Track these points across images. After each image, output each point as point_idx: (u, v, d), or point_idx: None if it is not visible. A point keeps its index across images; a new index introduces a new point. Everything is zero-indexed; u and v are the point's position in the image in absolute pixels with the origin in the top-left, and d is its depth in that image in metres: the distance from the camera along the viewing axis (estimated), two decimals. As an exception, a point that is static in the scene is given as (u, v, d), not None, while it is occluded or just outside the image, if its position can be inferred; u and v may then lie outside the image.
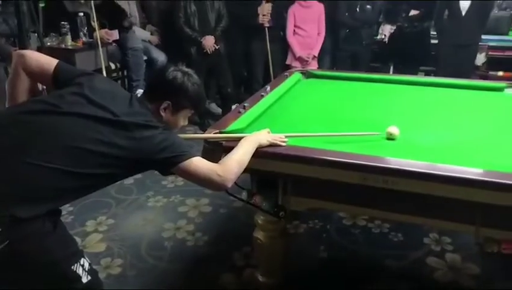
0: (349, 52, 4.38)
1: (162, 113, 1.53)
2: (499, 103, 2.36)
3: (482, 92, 2.51)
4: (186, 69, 1.58)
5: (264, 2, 4.22)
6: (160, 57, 4.48)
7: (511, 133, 1.92)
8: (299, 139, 1.72)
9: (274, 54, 4.40)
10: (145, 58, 4.42)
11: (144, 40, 4.49)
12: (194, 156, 1.47)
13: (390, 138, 1.80)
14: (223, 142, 1.70)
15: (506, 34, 4.56)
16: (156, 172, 1.50)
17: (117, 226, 2.75)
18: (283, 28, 4.36)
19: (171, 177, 3.22)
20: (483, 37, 4.17)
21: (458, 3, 3.92)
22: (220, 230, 2.71)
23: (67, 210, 2.79)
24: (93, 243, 2.56)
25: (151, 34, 4.66)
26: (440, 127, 2.00)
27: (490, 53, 4.42)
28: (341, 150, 1.62)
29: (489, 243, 1.59)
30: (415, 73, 4.13)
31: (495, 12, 4.45)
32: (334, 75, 2.91)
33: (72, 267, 1.37)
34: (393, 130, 1.81)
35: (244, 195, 1.80)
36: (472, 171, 1.46)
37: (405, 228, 2.62)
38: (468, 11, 3.90)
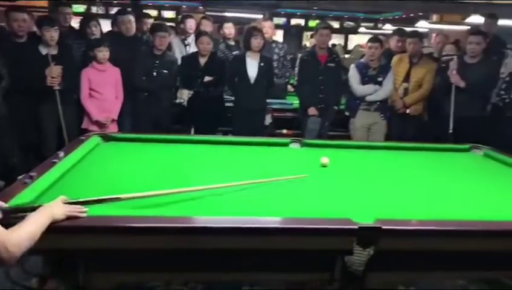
0: (149, 114, 4.40)
1: None
2: (286, 155, 2.71)
3: (272, 147, 2.84)
4: None
5: (52, 64, 3.92)
6: None
7: (300, 181, 2.15)
8: (103, 207, 1.56)
9: (67, 117, 4.06)
10: None
11: None
12: None
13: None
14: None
15: (284, 98, 5.35)
16: None
17: None
18: (77, 90, 4.11)
19: None
20: (267, 100, 4.78)
21: (246, 72, 4.42)
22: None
23: None
24: None
25: None
26: (243, 180, 2.09)
27: (275, 114, 5.08)
28: (146, 214, 1.55)
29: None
30: (213, 133, 4.38)
31: (274, 79, 5.17)
32: (135, 137, 2.88)
33: None
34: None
35: (34, 282, 1.51)
36: (269, 221, 1.58)
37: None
38: (255, 80, 4.44)
